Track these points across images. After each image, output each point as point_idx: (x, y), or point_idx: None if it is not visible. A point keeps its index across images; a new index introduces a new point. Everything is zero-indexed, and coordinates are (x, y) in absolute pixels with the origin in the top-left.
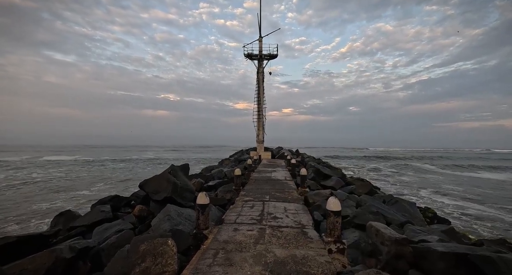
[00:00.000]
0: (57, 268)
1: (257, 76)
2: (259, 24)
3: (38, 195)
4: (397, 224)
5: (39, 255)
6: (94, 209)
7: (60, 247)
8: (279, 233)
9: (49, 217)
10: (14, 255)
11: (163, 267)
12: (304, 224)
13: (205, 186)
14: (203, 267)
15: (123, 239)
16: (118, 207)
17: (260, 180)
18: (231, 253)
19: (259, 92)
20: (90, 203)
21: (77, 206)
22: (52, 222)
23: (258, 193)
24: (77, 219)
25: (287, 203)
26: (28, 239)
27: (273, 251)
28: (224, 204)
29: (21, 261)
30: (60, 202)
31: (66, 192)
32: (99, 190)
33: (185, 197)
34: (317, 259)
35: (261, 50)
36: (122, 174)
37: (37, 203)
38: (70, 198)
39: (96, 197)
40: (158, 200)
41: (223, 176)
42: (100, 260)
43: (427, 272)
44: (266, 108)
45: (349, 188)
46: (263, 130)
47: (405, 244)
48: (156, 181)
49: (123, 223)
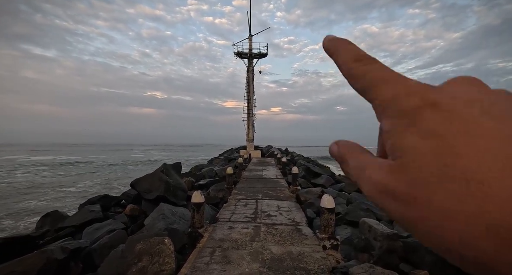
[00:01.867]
0: (49, 269)
1: (247, 74)
2: (249, 22)
3: (20, 195)
4: (386, 220)
5: (29, 257)
6: (83, 209)
7: (51, 248)
8: (274, 230)
9: (28, 218)
10: (0, 258)
11: (161, 266)
12: (298, 221)
13: (196, 185)
14: (201, 265)
15: (115, 239)
16: (108, 207)
17: (252, 178)
18: (228, 251)
19: (249, 91)
20: (77, 203)
21: (63, 207)
22: (38, 223)
23: (251, 191)
24: (66, 220)
25: (280, 201)
26: (14, 240)
27: (269, 248)
28: (217, 203)
29: (8, 263)
30: (44, 203)
31: (49, 192)
32: (84, 190)
33: (178, 196)
34: (312, 255)
35: (251, 49)
36: (108, 173)
37: (18, 204)
38: (55, 198)
39: (82, 197)
40: (150, 199)
41: (214, 175)
42: (92, 260)
43: (417, 265)
44: (256, 107)
45: (339, 186)
46: (253, 128)
47: (396, 239)
48: (148, 180)
49: (115, 223)
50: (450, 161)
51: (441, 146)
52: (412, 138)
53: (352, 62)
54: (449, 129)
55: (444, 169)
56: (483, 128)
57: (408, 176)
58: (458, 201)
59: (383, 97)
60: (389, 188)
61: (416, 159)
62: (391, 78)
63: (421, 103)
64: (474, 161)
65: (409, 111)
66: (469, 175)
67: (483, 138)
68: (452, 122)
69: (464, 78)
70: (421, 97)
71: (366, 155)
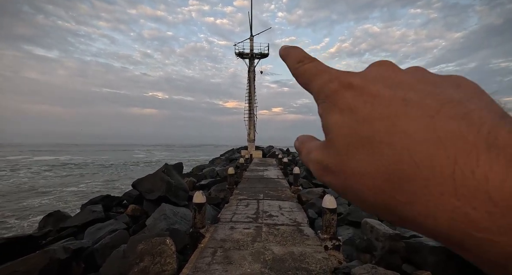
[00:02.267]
0: (51, 269)
1: (248, 75)
2: (250, 23)
3: (24, 195)
4: None
5: (31, 257)
6: (85, 209)
7: (54, 248)
8: (276, 231)
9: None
10: (3, 257)
11: (162, 266)
12: (300, 221)
13: (197, 185)
14: (203, 265)
15: (117, 239)
16: (109, 207)
17: (253, 179)
18: (230, 251)
19: (250, 91)
20: (80, 203)
21: (66, 206)
22: (40, 223)
23: (252, 191)
24: (68, 220)
25: (281, 201)
26: (17, 240)
27: (271, 248)
28: (218, 203)
29: (12, 262)
30: (46, 202)
31: (53, 192)
32: (87, 190)
33: (179, 196)
34: (314, 255)
35: (252, 49)
36: (110, 173)
37: (22, 203)
38: (58, 197)
39: (84, 197)
40: (152, 200)
41: (215, 175)
42: (94, 260)
43: (419, 265)
44: (257, 107)
45: None
46: (254, 129)
47: (398, 239)
48: (149, 180)
49: (116, 223)
50: (359, 129)
51: (353, 118)
52: (334, 116)
53: (296, 63)
54: (359, 102)
55: (355, 136)
56: (383, 98)
57: (334, 150)
58: (366, 162)
59: (314, 88)
60: (323, 163)
61: (338, 133)
62: (322, 71)
63: (339, 86)
64: (376, 126)
65: (331, 94)
66: (373, 138)
67: (382, 105)
68: (361, 96)
69: (378, 61)
70: (339, 81)
71: (313, 142)
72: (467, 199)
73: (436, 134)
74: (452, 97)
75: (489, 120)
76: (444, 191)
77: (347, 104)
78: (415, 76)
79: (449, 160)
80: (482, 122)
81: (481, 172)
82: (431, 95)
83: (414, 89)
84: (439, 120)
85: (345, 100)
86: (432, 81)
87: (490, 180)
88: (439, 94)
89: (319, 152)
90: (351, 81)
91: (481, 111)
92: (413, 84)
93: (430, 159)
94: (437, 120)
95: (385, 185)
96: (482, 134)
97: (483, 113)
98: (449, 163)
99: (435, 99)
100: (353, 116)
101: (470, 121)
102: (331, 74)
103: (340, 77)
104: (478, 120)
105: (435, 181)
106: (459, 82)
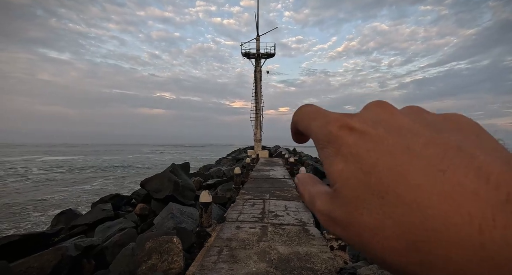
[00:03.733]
0: (63, 266)
1: (254, 74)
2: (256, 22)
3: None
4: None
5: (45, 253)
6: (95, 208)
7: (66, 245)
8: (281, 230)
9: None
10: (17, 253)
11: (169, 264)
12: (305, 221)
13: (204, 184)
14: (209, 264)
15: (126, 237)
16: (119, 206)
17: (259, 178)
18: (235, 250)
19: (257, 91)
20: (91, 200)
21: (78, 202)
22: (53, 221)
23: (258, 191)
24: (79, 218)
25: (288, 201)
26: (31, 237)
27: (277, 248)
28: (225, 203)
29: (27, 258)
30: (62, 198)
31: (68, 190)
32: (99, 189)
33: (187, 196)
34: (320, 255)
35: (258, 49)
36: (120, 172)
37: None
38: (72, 195)
39: (96, 194)
40: (159, 199)
41: (222, 175)
42: (104, 258)
43: None
44: (263, 107)
45: None
46: (260, 128)
47: None
48: (157, 179)
49: (125, 222)
50: (367, 181)
51: (359, 168)
52: (338, 165)
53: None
54: (362, 150)
55: (363, 189)
56: (387, 145)
57: (341, 201)
58: (375, 216)
59: (313, 132)
60: (331, 216)
61: (345, 184)
62: (318, 115)
63: (339, 129)
64: (384, 178)
65: (333, 139)
66: (383, 193)
67: (387, 155)
68: (364, 142)
69: (374, 102)
70: (339, 124)
71: (316, 187)
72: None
73: (444, 188)
74: (455, 144)
75: (496, 169)
76: (463, 255)
77: (350, 151)
78: (413, 118)
79: (463, 219)
80: (489, 172)
81: (501, 236)
82: (434, 142)
83: (417, 134)
84: (446, 173)
85: (347, 146)
86: (431, 122)
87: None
88: (442, 140)
89: (325, 203)
90: (351, 124)
91: (487, 157)
92: (414, 129)
93: (443, 216)
94: (444, 173)
95: (396, 242)
96: (491, 186)
97: (489, 160)
98: (463, 222)
99: (439, 147)
100: (358, 166)
101: (477, 172)
102: (329, 117)
103: (339, 120)
104: (486, 170)
105: (451, 241)
106: (459, 123)
